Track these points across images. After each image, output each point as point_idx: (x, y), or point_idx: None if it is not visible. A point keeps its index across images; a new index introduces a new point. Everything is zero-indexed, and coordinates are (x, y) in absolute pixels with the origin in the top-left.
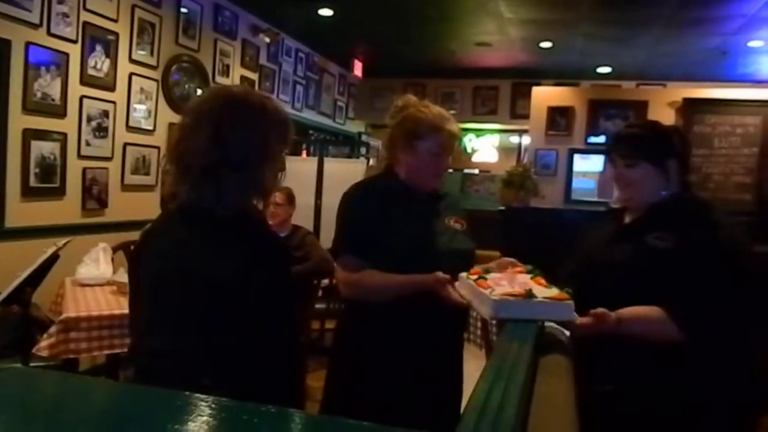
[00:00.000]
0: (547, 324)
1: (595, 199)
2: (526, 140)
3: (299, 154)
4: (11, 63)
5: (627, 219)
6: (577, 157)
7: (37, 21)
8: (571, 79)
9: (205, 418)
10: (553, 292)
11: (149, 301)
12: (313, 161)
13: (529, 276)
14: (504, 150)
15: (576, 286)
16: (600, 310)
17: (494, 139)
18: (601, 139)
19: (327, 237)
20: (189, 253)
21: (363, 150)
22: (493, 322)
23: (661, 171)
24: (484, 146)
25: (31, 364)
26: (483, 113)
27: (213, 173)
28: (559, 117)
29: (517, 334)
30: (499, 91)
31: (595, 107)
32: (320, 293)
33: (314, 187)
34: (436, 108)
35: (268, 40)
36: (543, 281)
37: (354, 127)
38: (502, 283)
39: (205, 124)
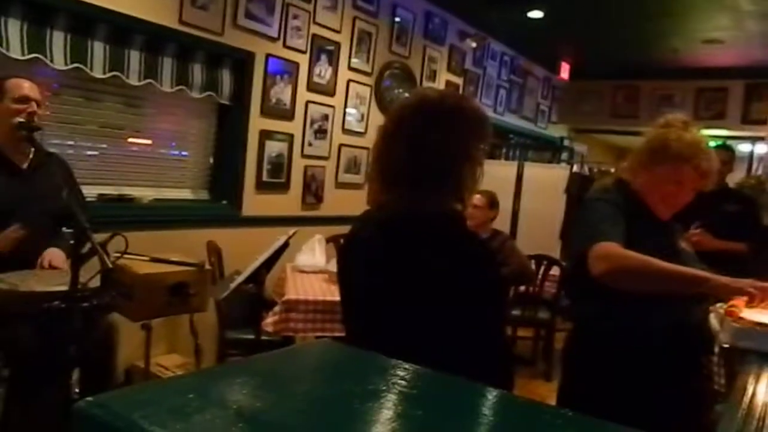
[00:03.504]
0: None
1: None
2: (760, 149)
3: (498, 157)
4: (254, 72)
5: None
6: None
7: (275, 35)
8: None
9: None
10: None
11: (367, 309)
12: (513, 165)
13: None
14: None
15: None
16: None
17: None
18: None
19: (524, 242)
20: (399, 259)
21: (565, 155)
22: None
23: None
24: None
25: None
26: (707, 117)
27: (413, 178)
28: None
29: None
30: (729, 93)
31: None
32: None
33: (513, 191)
34: (694, 135)
35: (474, 44)
36: None
37: (557, 131)
38: (760, 314)
39: (405, 130)
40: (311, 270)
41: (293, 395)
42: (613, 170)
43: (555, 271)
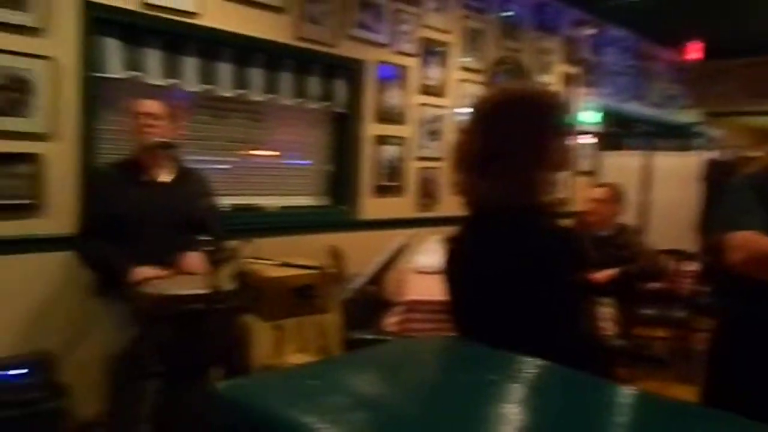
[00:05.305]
0: None
1: None
2: None
3: (620, 148)
4: (366, 79)
5: None
6: None
7: (385, 41)
8: None
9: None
10: None
11: (469, 309)
12: (638, 155)
13: None
14: None
15: None
16: None
17: None
18: None
19: (657, 236)
20: (481, 258)
21: (699, 141)
22: None
23: None
24: None
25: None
26: None
27: (486, 172)
28: None
29: None
30: None
31: None
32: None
33: (640, 182)
34: None
35: (590, 32)
36: None
37: (689, 116)
38: None
39: (478, 122)
40: (431, 271)
41: (412, 384)
42: (761, 154)
43: (691, 266)
